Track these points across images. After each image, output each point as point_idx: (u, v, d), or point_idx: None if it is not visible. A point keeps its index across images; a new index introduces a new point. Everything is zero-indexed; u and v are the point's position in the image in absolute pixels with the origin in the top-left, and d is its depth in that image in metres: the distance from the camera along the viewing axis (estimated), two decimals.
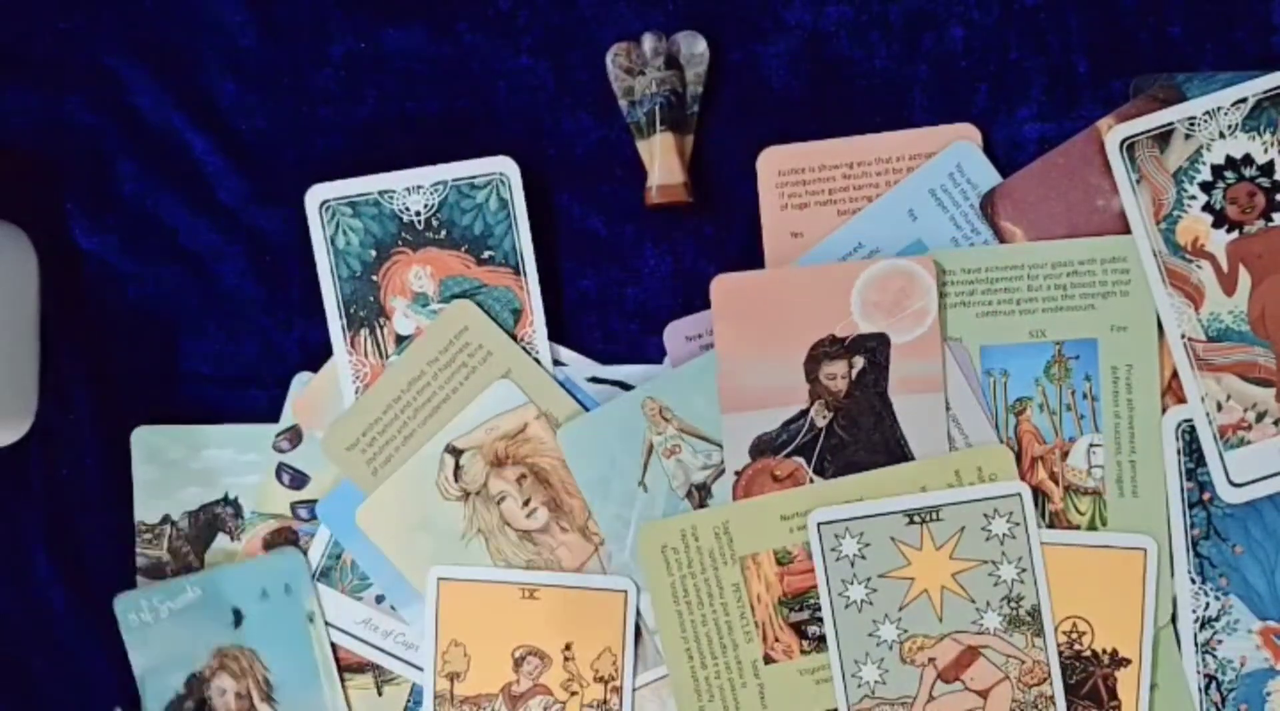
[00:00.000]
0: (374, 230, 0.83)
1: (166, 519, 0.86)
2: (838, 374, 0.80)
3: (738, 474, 0.80)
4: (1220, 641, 0.78)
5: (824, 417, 0.80)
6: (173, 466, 0.86)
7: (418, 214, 0.83)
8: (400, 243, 0.83)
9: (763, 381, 0.80)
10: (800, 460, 0.80)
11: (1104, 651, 0.78)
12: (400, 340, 0.83)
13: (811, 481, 0.80)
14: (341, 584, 0.84)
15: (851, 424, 0.80)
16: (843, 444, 0.80)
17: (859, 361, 0.80)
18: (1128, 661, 0.78)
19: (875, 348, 0.80)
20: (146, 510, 0.86)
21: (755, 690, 0.80)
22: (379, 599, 0.84)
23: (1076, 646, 0.79)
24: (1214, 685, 0.78)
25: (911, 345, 0.79)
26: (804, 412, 0.80)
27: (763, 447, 0.80)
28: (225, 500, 0.86)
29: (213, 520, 0.86)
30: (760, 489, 0.80)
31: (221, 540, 0.86)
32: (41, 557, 0.87)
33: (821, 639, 0.79)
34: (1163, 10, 0.81)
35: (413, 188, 0.83)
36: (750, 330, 0.80)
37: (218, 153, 0.86)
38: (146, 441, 0.86)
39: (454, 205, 0.83)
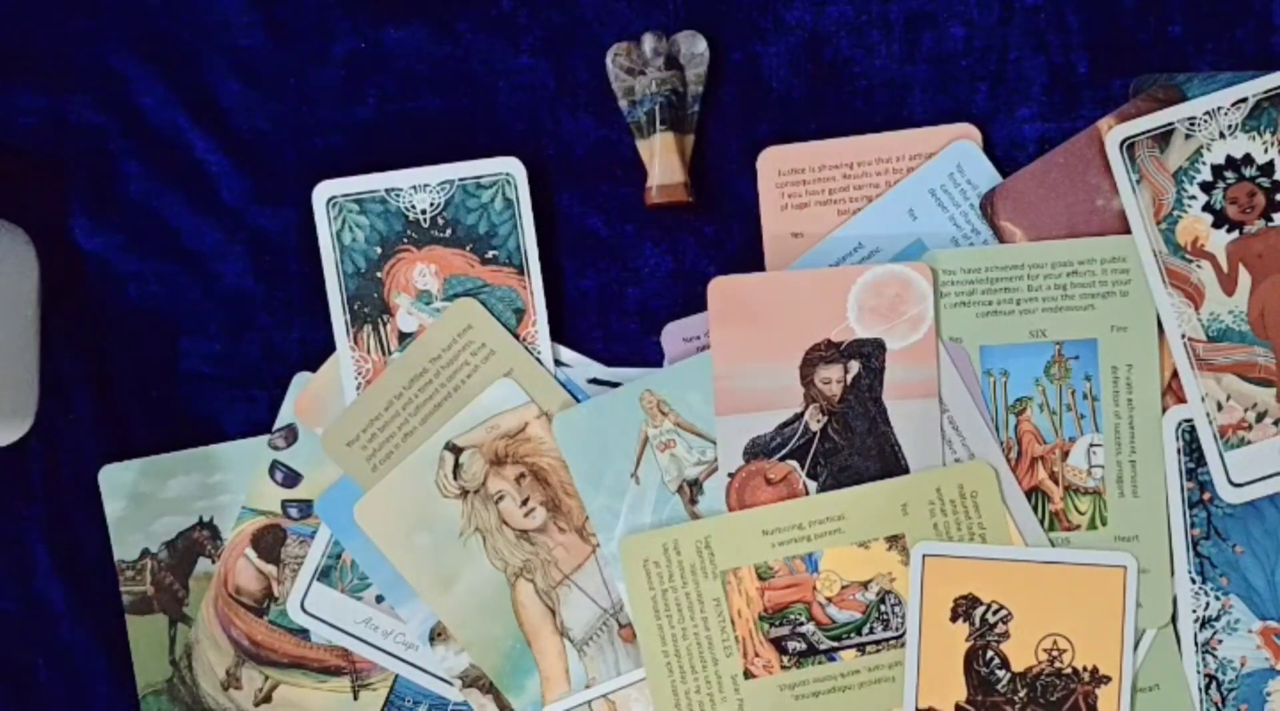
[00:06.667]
0: (380, 227, 0.84)
1: (146, 552, 0.86)
2: (833, 378, 0.80)
3: (731, 476, 0.80)
4: (1220, 641, 0.78)
5: (818, 422, 0.80)
6: (143, 500, 0.86)
7: (423, 212, 0.83)
8: (405, 240, 0.84)
9: (758, 384, 0.80)
10: (794, 464, 0.80)
11: (1084, 668, 0.78)
12: (403, 337, 0.84)
13: (805, 485, 0.80)
14: (341, 583, 0.84)
15: (846, 428, 0.80)
16: (837, 448, 0.80)
17: (854, 366, 0.80)
18: (1108, 679, 0.78)
19: (871, 353, 0.80)
20: (124, 547, 0.86)
21: (735, 705, 0.80)
22: (379, 598, 0.84)
23: (1057, 663, 0.78)
24: (1214, 685, 0.78)
25: (907, 351, 0.79)
26: (798, 416, 0.80)
27: (757, 450, 0.80)
28: (201, 524, 0.86)
29: (191, 546, 0.86)
30: (754, 491, 0.80)
31: (203, 564, 0.86)
32: (41, 557, 0.87)
33: (801, 654, 0.79)
34: (1163, 10, 0.81)
35: (419, 186, 0.83)
36: (746, 333, 0.80)
37: (220, 152, 0.86)
38: (114, 478, 0.86)
39: (459, 204, 0.83)
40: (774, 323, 0.80)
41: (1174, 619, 0.78)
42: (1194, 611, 0.78)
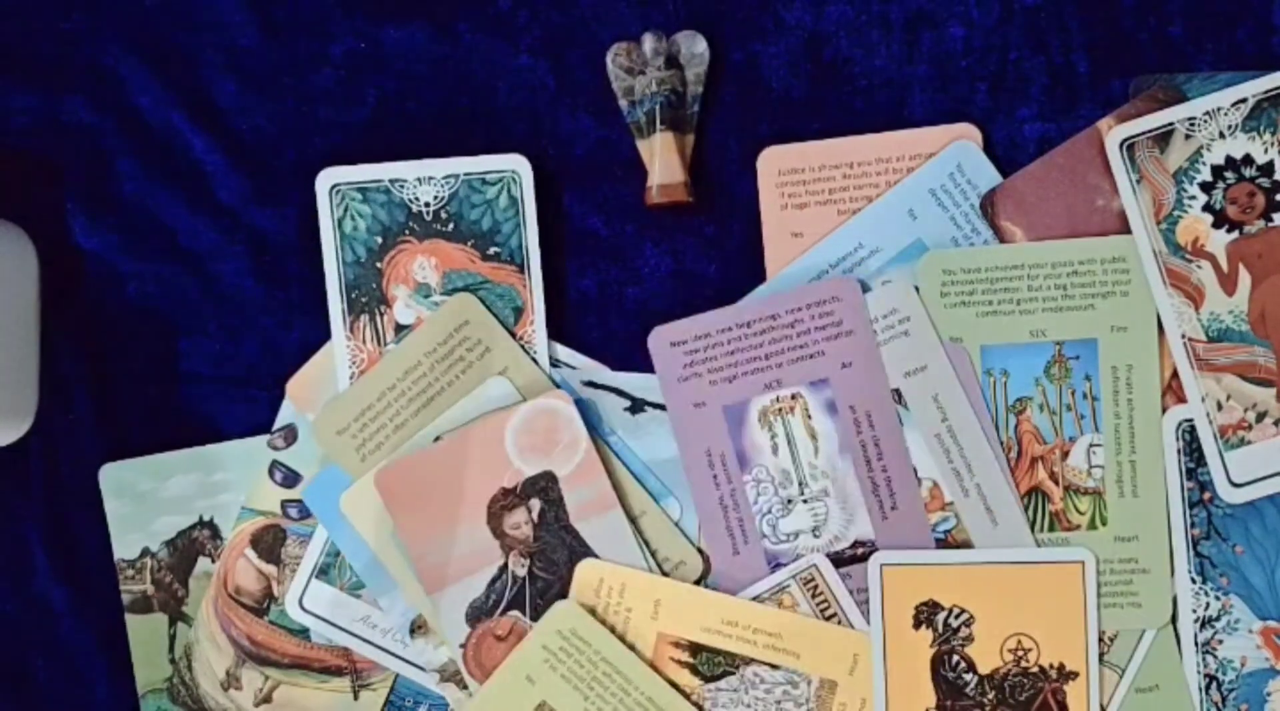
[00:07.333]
0: (382, 217, 0.83)
1: (146, 552, 0.86)
2: (520, 522, 0.81)
3: (463, 646, 0.81)
4: (1221, 641, 0.78)
5: (522, 567, 0.81)
6: (144, 499, 0.86)
7: (427, 205, 0.83)
8: (407, 232, 0.83)
9: (456, 552, 0.81)
10: (516, 614, 0.81)
11: (1051, 666, 0.78)
12: (400, 329, 0.84)
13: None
14: (340, 581, 0.84)
15: (549, 564, 0.81)
16: (548, 584, 0.81)
17: (536, 504, 0.81)
18: (1075, 674, 0.78)
19: (545, 486, 0.81)
20: (124, 546, 0.86)
21: None
22: None
23: (1023, 663, 0.79)
24: (1214, 685, 0.78)
25: (576, 473, 0.81)
26: (504, 568, 0.81)
27: (478, 613, 0.81)
28: (201, 523, 0.86)
29: (191, 545, 0.86)
30: (488, 652, 0.81)
31: (203, 563, 0.86)
32: (41, 557, 0.87)
33: None
34: (1163, 10, 0.81)
35: (424, 178, 0.83)
36: (426, 511, 0.81)
37: (218, 152, 0.86)
38: (114, 477, 0.86)
39: (464, 199, 0.83)
40: (447, 491, 0.81)
41: (1174, 619, 0.79)
42: (1194, 611, 0.78)
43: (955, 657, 0.79)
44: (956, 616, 0.79)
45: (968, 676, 0.79)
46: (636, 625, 0.80)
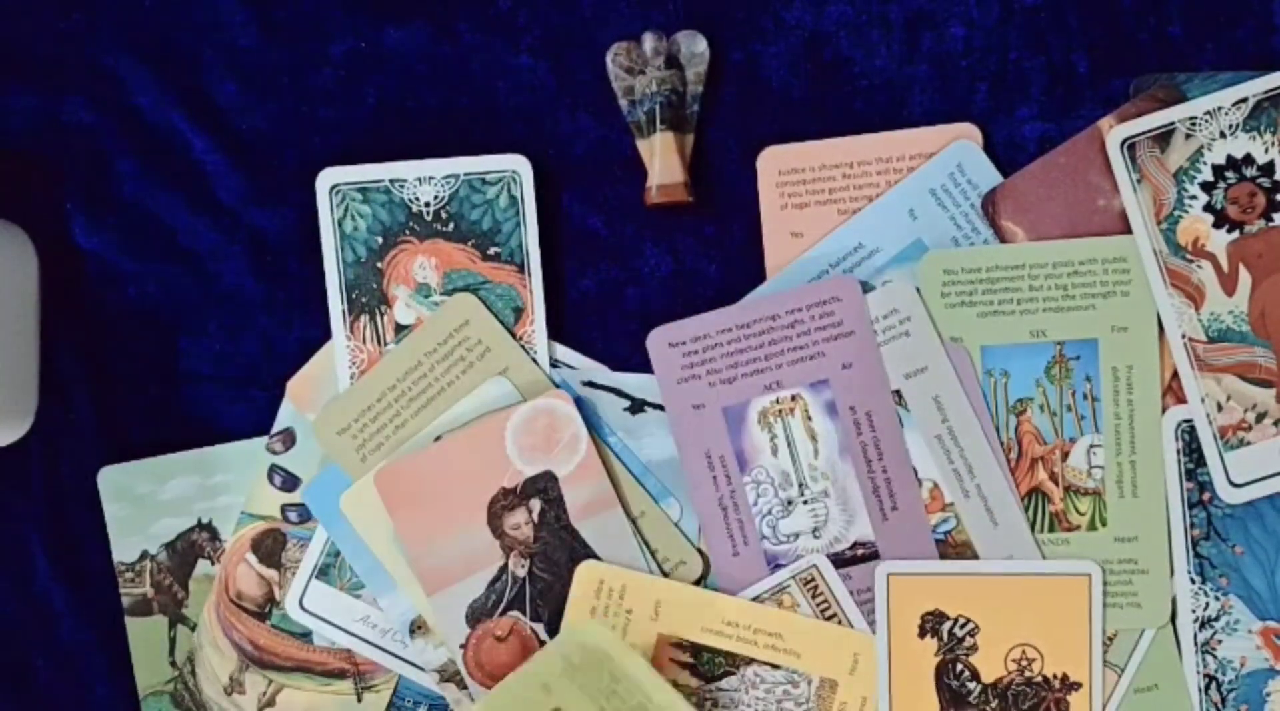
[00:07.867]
0: (382, 217, 0.83)
1: (145, 554, 0.86)
2: (520, 522, 0.81)
3: (463, 647, 0.82)
4: (1220, 641, 0.78)
5: (522, 567, 0.82)
6: (142, 501, 0.86)
7: (427, 205, 0.83)
8: (407, 232, 0.83)
9: (456, 553, 0.82)
10: (516, 614, 0.81)
11: (1054, 676, 0.79)
12: (400, 329, 0.84)
13: (532, 630, 0.81)
14: (340, 581, 0.84)
15: (549, 564, 0.81)
16: (549, 585, 0.81)
17: (536, 504, 0.81)
18: (1079, 685, 0.79)
19: (546, 486, 0.81)
20: (123, 549, 0.86)
21: None
22: None
23: (1027, 673, 0.79)
24: (1214, 685, 0.79)
25: (576, 472, 0.81)
26: (504, 568, 0.82)
27: (478, 613, 0.82)
28: (200, 525, 0.86)
29: (190, 548, 0.86)
30: (489, 654, 0.81)
31: (202, 566, 0.86)
32: (41, 557, 0.87)
33: None
34: (1163, 10, 0.81)
35: (424, 178, 0.83)
36: (426, 511, 0.81)
37: (218, 152, 0.86)
38: (112, 480, 0.86)
39: (464, 199, 0.83)
40: (447, 492, 0.81)
41: (1173, 619, 0.79)
42: (1194, 611, 0.78)
43: (960, 666, 0.79)
44: (962, 626, 0.79)
45: (971, 685, 0.79)
46: (637, 626, 0.80)
